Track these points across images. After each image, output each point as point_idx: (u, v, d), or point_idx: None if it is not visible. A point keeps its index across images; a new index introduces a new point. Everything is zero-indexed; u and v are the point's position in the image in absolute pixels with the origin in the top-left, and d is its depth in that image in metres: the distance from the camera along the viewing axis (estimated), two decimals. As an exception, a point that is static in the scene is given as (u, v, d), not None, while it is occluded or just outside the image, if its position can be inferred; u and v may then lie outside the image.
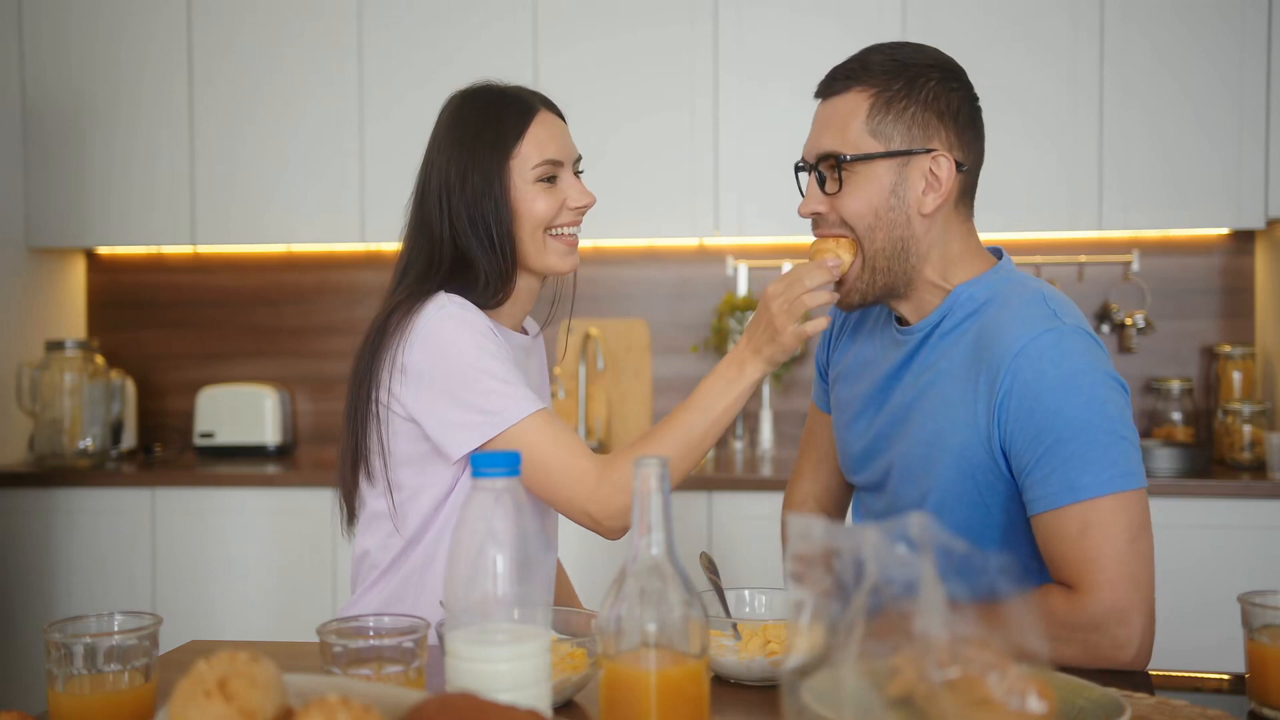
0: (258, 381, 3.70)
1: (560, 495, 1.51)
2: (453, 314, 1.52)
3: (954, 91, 1.47)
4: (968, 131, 1.48)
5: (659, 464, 0.97)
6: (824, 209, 1.49)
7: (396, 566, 1.61)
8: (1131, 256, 3.40)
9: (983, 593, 0.84)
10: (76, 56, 3.53)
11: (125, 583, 3.25)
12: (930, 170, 1.45)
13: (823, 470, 1.76)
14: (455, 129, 1.62)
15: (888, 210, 1.45)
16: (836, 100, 1.49)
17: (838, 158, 1.45)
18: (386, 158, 3.42)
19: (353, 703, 0.84)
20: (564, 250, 1.62)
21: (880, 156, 1.45)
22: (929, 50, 1.50)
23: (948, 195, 1.46)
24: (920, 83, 1.46)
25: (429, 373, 1.51)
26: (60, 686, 1.08)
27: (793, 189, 1.42)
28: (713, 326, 3.57)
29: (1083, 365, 1.37)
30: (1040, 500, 1.36)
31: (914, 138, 1.45)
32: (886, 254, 1.47)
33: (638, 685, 0.95)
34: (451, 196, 1.58)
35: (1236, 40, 3.11)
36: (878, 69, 1.46)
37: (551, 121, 1.63)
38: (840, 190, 1.46)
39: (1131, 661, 1.33)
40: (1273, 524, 2.87)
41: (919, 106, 1.45)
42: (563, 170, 1.62)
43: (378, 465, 1.59)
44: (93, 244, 3.63)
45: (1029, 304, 1.43)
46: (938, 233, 1.48)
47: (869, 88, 1.46)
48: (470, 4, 3.39)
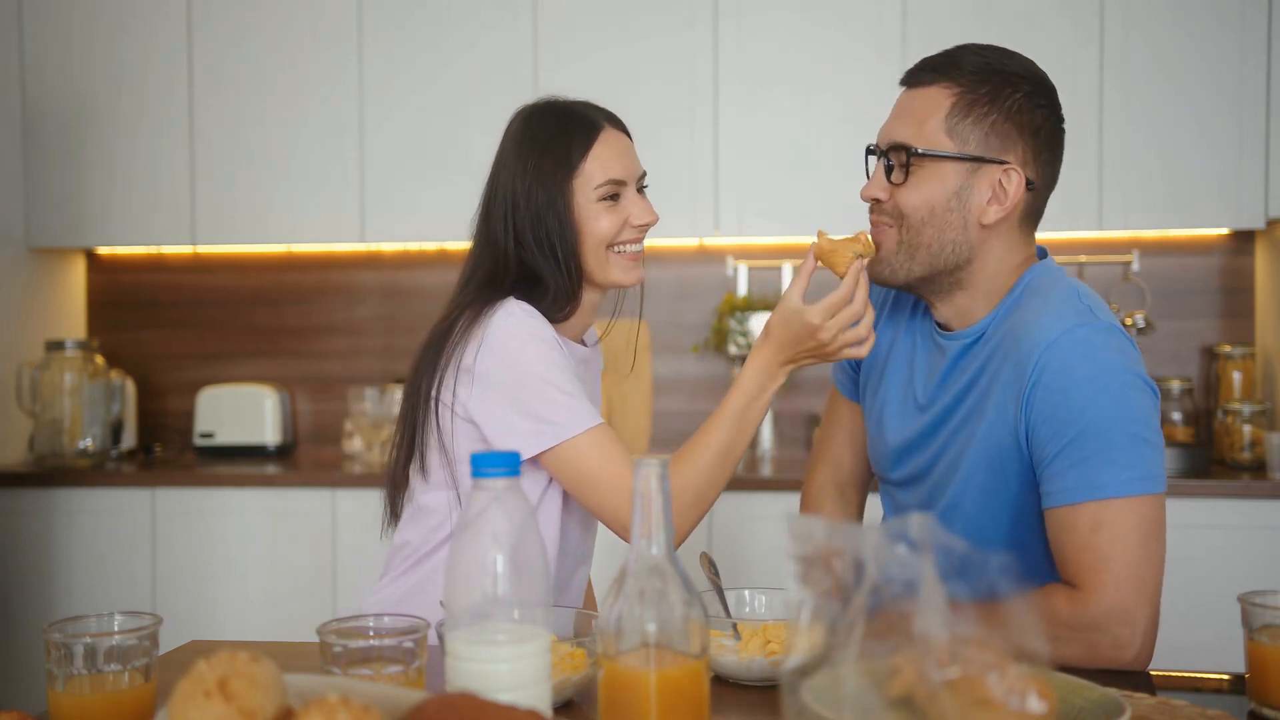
0: (258, 381, 3.70)
1: (606, 510, 1.53)
2: (522, 321, 1.54)
3: (1040, 108, 1.45)
4: (1046, 151, 1.46)
5: (659, 464, 0.97)
6: (884, 196, 1.47)
7: (429, 557, 1.63)
8: (1131, 256, 3.40)
9: (983, 593, 0.84)
10: (76, 56, 3.53)
11: (125, 583, 3.25)
12: (999, 182, 1.43)
13: (845, 454, 1.75)
14: (521, 146, 1.62)
15: (945, 211, 1.44)
16: (919, 92, 1.46)
17: (908, 150, 1.44)
18: (387, 158, 3.42)
19: (353, 703, 0.84)
20: (627, 265, 1.63)
21: (951, 158, 1.43)
22: (1023, 60, 1.48)
23: (1012, 210, 1.45)
24: (1007, 92, 1.43)
25: (494, 378, 1.52)
26: (60, 686, 1.08)
27: (792, 189, 1.43)
28: (713, 326, 3.57)
29: (1113, 363, 1.36)
30: (1057, 494, 1.36)
31: (989, 145, 1.43)
32: (931, 249, 1.45)
33: (638, 685, 0.95)
34: (516, 213, 1.60)
35: (1236, 40, 3.11)
36: (967, 68, 1.44)
37: (616, 139, 1.64)
38: (904, 183, 1.45)
39: (1132, 662, 1.33)
40: (1273, 524, 2.87)
41: (1000, 115, 1.43)
42: (626, 189, 1.63)
43: (435, 461, 1.60)
44: (93, 244, 3.63)
45: (1064, 299, 1.42)
46: (996, 246, 1.47)
47: (954, 86, 1.44)
48: (471, 4, 3.39)
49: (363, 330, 3.80)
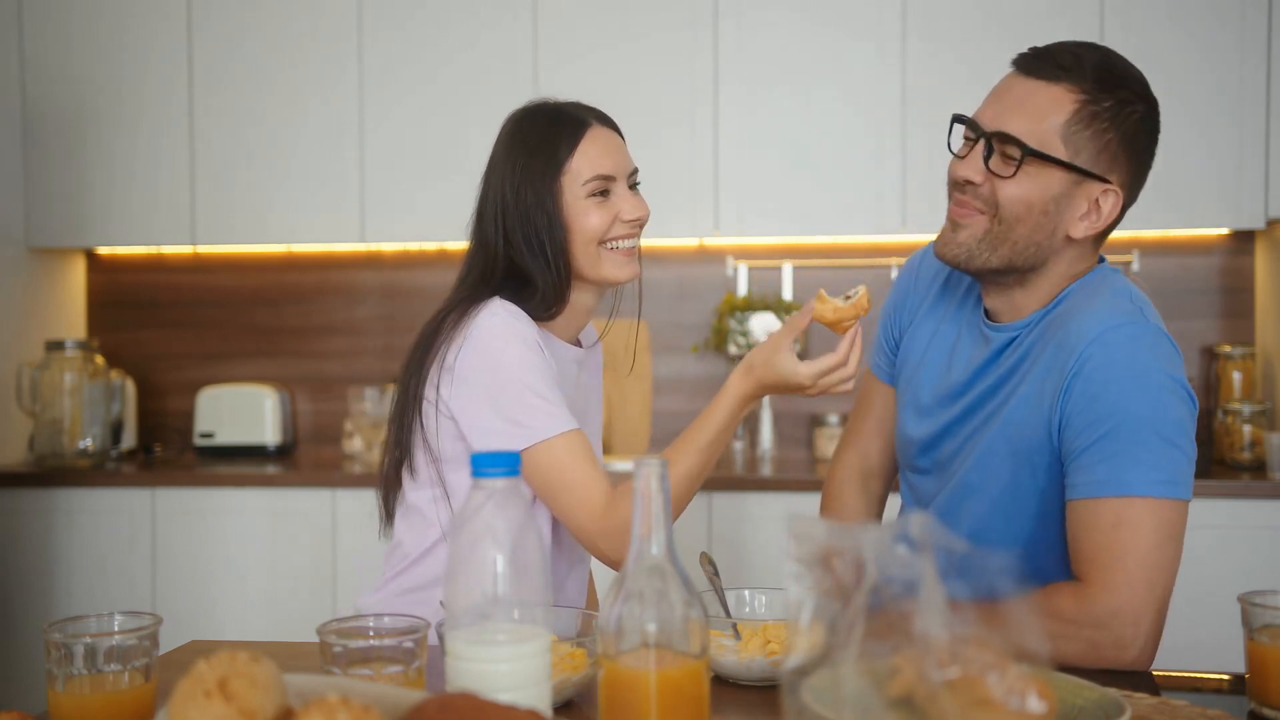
0: (258, 381, 3.70)
1: (571, 516, 1.54)
2: (506, 322, 1.55)
3: (1150, 132, 1.44)
4: (1143, 173, 1.46)
5: (659, 464, 0.97)
6: (980, 180, 1.44)
7: (425, 558, 1.64)
8: (1131, 256, 3.40)
9: (983, 593, 0.84)
10: (76, 56, 3.53)
11: (125, 583, 3.25)
12: (1097, 200, 1.43)
13: (875, 441, 1.73)
14: (510, 148, 1.63)
15: (1041, 214, 1.42)
16: (1040, 85, 1.42)
17: (1022, 146, 1.40)
18: (386, 158, 3.42)
19: (353, 703, 0.84)
20: (620, 261, 1.63)
21: (1062, 165, 1.41)
22: (1135, 71, 1.45)
23: (1101, 229, 1.45)
24: (1128, 110, 1.41)
25: (474, 377, 1.54)
26: (60, 686, 1.08)
27: (792, 189, 1.42)
28: (713, 326, 3.57)
29: (1154, 365, 1.36)
30: (1082, 486, 1.36)
31: (1100, 162, 1.42)
32: (1016, 247, 1.44)
33: (638, 685, 0.95)
34: (506, 214, 1.61)
35: (1236, 40, 3.11)
36: (1091, 72, 1.41)
37: (605, 136, 1.64)
38: (1011, 176, 1.41)
39: (1133, 663, 1.33)
40: (1273, 524, 2.87)
41: (1117, 133, 1.41)
42: (615, 184, 1.63)
43: (421, 459, 1.61)
44: (93, 244, 3.63)
45: (1115, 296, 1.43)
46: (1070, 255, 1.47)
47: (1079, 91, 1.40)
48: (471, 4, 3.39)
49: (363, 330, 3.80)
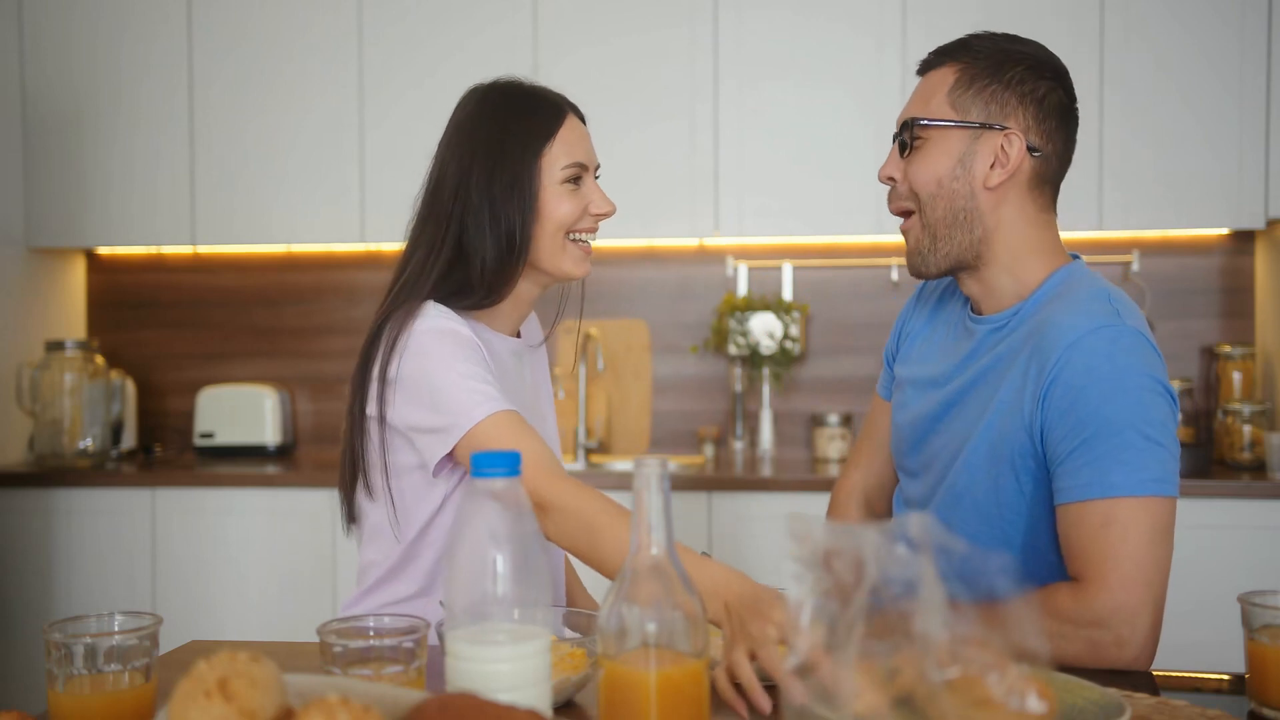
0: (258, 381, 3.70)
1: None
2: (437, 326, 1.50)
3: (1043, 80, 1.50)
4: (1051, 120, 1.50)
5: (659, 464, 0.97)
6: (898, 174, 1.53)
7: (394, 575, 1.60)
8: (1131, 256, 3.40)
9: (983, 593, 0.84)
10: (76, 56, 3.53)
11: (125, 583, 3.25)
12: (1001, 147, 1.48)
13: (877, 460, 1.77)
14: (480, 123, 1.58)
15: (951, 179, 1.48)
16: (931, 74, 1.54)
17: (914, 121, 1.50)
18: (387, 158, 3.42)
19: (353, 703, 0.84)
20: (580, 256, 1.61)
21: (952, 125, 1.48)
22: (1034, 45, 1.54)
23: (1013, 173, 1.48)
24: (1009, 65, 1.49)
25: (409, 386, 1.50)
26: (60, 686, 1.08)
27: (792, 189, 1.44)
28: (713, 327, 3.57)
29: (1133, 366, 1.38)
30: (1068, 490, 1.38)
31: (990, 114, 1.48)
32: (946, 223, 1.50)
33: (638, 685, 0.95)
34: (472, 191, 1.55)
35: (1236, 40, 3.11)
36: (974, 49, 1.51)
37: (578, 126, 1.62)
38: (912, 154, 1.50)
39: (1132, 661, 1.33)
40: (1273, 524, 2.87)
41: (1001, 86, 1.48)
42: (586, 175, 1.61)
43: (377, 479, 1.58)
44: (93, 244, 3.63)
45: (1092, 299, 1.44)
46: (1008, 213, 1.50)
47: (959, 63, 1.51)
48: (471, 3, 3.39)
49: (362, 330, 3.75)
